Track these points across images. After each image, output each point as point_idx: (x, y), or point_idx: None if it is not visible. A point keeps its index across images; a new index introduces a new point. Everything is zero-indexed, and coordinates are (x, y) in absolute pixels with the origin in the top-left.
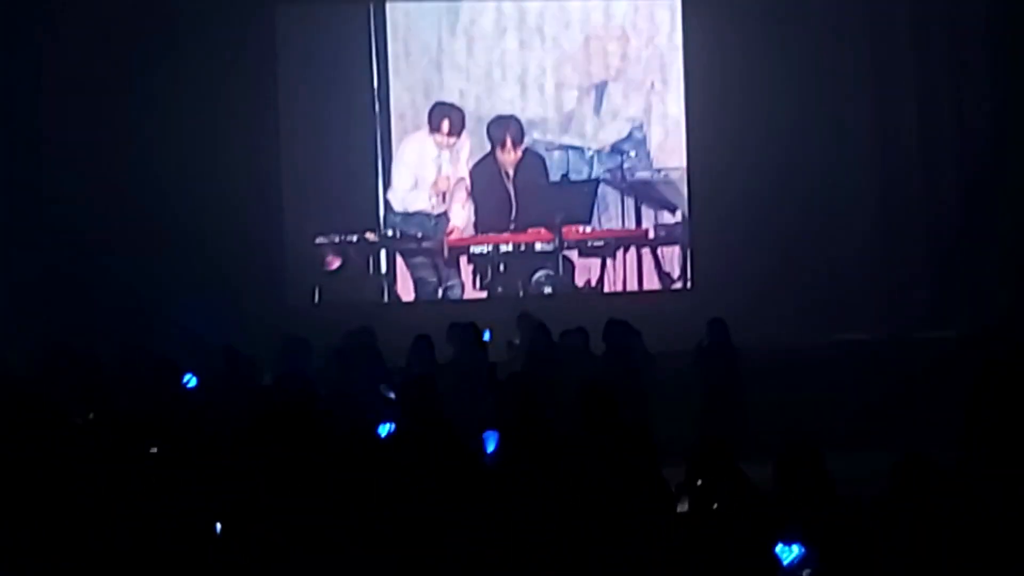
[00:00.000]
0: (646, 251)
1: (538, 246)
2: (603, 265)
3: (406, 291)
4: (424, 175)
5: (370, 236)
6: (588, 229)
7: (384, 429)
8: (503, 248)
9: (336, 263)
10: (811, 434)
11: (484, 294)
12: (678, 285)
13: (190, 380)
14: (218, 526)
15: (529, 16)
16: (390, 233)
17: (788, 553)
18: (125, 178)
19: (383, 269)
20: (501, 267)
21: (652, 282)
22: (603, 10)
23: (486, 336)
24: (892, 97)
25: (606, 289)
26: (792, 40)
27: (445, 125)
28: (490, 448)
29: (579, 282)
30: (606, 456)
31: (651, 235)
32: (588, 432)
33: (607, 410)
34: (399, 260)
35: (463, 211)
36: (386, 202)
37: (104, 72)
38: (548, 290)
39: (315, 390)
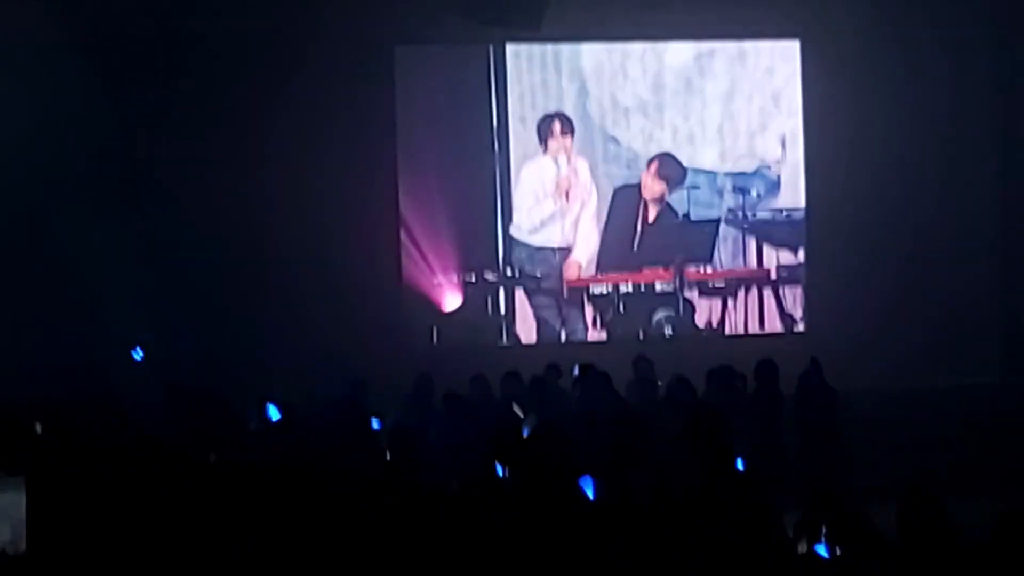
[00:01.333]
0: (768, 292)
1: (658, 286)
2: (724, 306)
3: (525, 332)
4: (546, 187)
5: (489, 276)
6: (709, 269)
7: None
8: (623, 288)
9: (455, 303)
10: (928, 479)
11: (604, 335)
12: (800, 327)
13: (272, 412)
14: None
15: (650, 57)
16: (509, 273)
17: None
18: (246, 221)
19: (502, 310)
20: (621, 307)
21: (774, 323)
22: (725, 53)
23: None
24: (1014, 139)
25: (727, 331)
26: (912, 82)
27: (556, 127)
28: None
29: (700, 323)
30: (717, 493)
31: (773, 276)
32: (695, 457)
33: (714, 437)
34: (518, 300)
35: (587, 245)
36: (507, 237)
37: (223, 117)
38: (668, 331)
39: (426, 441)
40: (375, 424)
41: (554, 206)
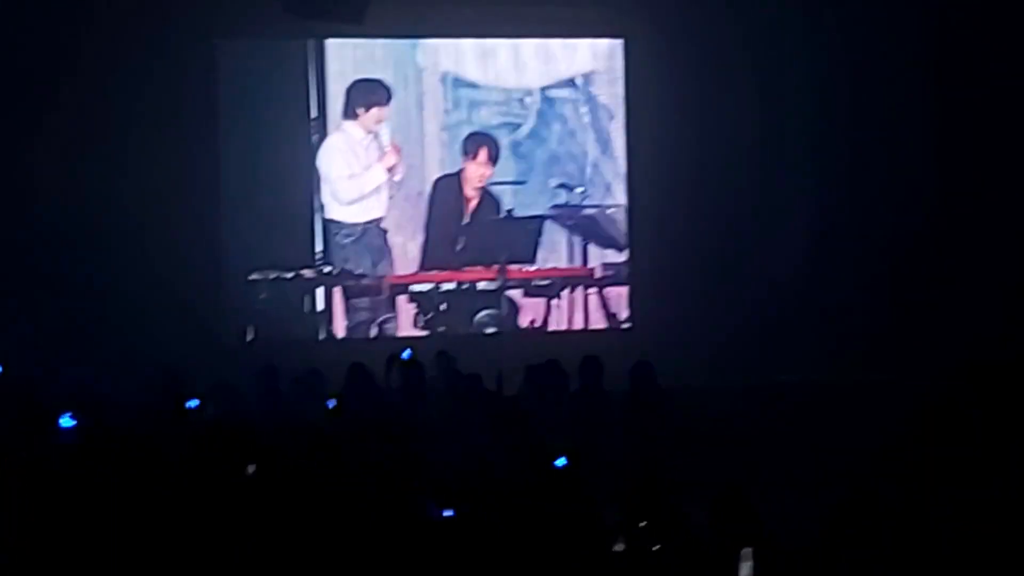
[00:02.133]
0: (592, 291)
1: (481, 285)
2: (548, 305)
3: (344, 328)
4: (360, 158)
5: (307, 272)
6: (533, 268)
7: None
8: (445, 286)
9: (274, 299)
10: (750, 475)
11: (425, 333)
12: (626, 325)
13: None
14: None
15: (473, 54)
16: (328, 269)
17: None
18: (63, 212)
19: (320, 307)
20: (443, 306)
21: (598, 322)
22: (549, 49)
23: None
24: (833, 142)
25: (551, 328)
26: (731, 81)
27: (382, 94)
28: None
29: (523, 322)
30: (530, 490)
31: (597, 274)
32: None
33: (520, 431)
34: (337, 296)
35: (410, 236)
36: (327, 228)
37: (42, 107)
38: (491, 330)
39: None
40: (191, 404)
41: (377, 177)
